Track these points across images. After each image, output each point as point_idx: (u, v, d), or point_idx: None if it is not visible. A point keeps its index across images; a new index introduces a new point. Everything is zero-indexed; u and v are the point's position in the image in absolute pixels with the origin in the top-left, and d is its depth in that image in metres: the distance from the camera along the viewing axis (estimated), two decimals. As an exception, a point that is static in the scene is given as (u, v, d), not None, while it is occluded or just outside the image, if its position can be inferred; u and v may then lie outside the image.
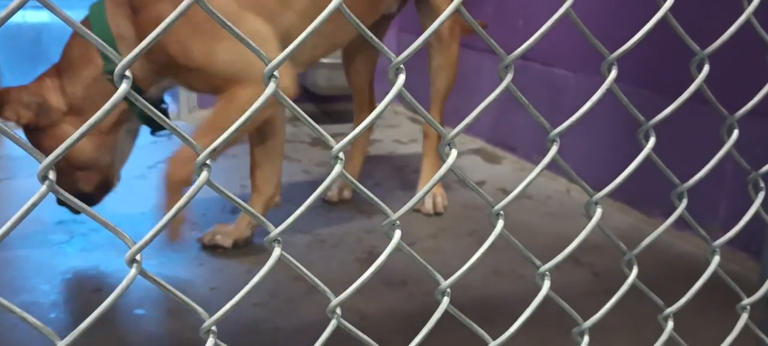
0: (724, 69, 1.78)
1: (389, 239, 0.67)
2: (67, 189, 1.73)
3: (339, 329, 0.67)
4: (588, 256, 1.83)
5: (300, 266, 0.63)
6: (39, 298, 1.56)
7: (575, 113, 0.75)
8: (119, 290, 0.53)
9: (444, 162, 0.68)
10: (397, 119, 3.33)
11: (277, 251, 0.61)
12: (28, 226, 1.81)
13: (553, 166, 2.19)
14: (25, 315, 0.49)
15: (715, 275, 0.91)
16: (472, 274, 0.74)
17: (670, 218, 0.84)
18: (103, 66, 1.66)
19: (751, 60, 1.78)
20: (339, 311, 0.67)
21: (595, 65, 2.32)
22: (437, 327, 0.72)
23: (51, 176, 0.48)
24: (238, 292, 0.60)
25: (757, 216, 0.92)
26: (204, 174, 0.55)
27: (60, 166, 1.70)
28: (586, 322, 0.83)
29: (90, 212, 0.53)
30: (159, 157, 2.58)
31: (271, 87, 0.56)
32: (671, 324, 0.89)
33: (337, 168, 0.62)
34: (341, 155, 0.62)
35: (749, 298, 0.96)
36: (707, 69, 0.81)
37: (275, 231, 0.60)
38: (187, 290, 1.61)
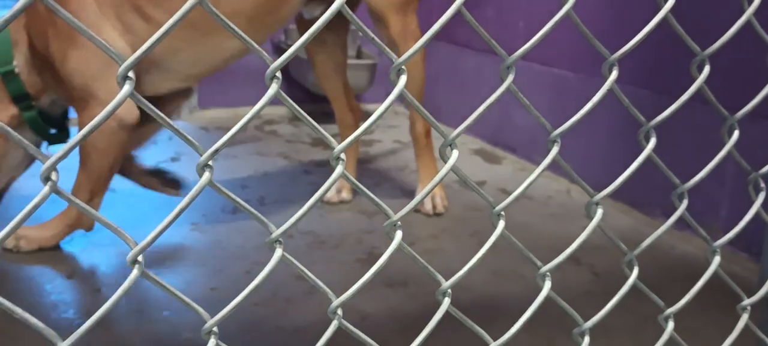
0: (724, 70, 1.78)
1: (390, 240, 0.68)
2: None
3: (340, 330, 0.67)
4: (588, 256, 1.83)
5: (301, 266, 0.63)
6: (40, 298, 1.56)
7: (576, 113, 0.75)
8: (121, 291, 0.53)
9: (445, 162, 0.68)
10: (398, 120, 3.33)
11: (279, 252, 0.61)
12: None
13: (554, 166, 2.19)
14: (27, 316, 0.49)
15: (716, 276, 0.91)
16: (473, 274, 0.74)
17: (670, 218, 0.84)
18: None
19: (752, 61, 1.79)
20: (340, 312, 0.67)
21: (596, 65, 2.33)
22: (438, 327, 0.72)
23: (53, 176, 0.48)
24: (238, 292, 0.60)
25: (758, 217, 0.92)
26: (206, 175, 0.55)
27: None
28: (586, 322, 0.83)
29: (92, 212, 0.53)
30: (159, 158, 2.58)
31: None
32: (672, 325, 0.89)
33: (339, 169, 0.62)
34: (343, 156, 0.62)
35: (749, 299, 0.96)
36: (708, 70, 0.81)
37: (276, 232, 0.60)
38: (188, 290, 1.61)
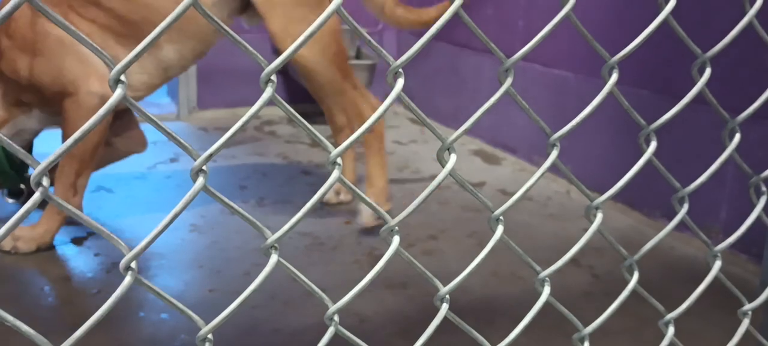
0: (725, 72, 1.78)
1: (388, 243, 0.67)
2: None
3: (338, 334, 0.67)
4: (588, 258, 1.83)
5: (298, 272, 0.62)
6: (38, 300, 1.55)
7: (577, 115, 0.74)
8: (114, 297, 0.53)
9: (443, 166, 0.67)
10: (397, 120, 3.33)
11: (274, 258, 0.60)
12: (26, 227, 1.81)
13: (554, 167, 2.18)
14: (18, 324, 0.48)
15: (717, 279, 0.90)
16: (471, 277, 0.73)
17: (671, 222, 0.83)
18: None
19: (753, 63, 1.78)
20: (337, 318, 0.66)
21: (597, 67, 2.32)
22: (437, 331, 0.71)
23: (44, 182, 0.48)
24: (236, 294, 0.60)
25: (759, 220, 0.91)
26: (200, 180, 0.54)
27: None
28: (586, 328, 0.83)
29: (84, 218, 0.52)
30: (158, 159, 2.57)
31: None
32: (672, 330, 0.89)
33: (335, 173, 0.61)
34: (339, 160, 0.62)
35: (750, 303, 0.96)
36: (709, 72, 0.81)
37: (272, 238, 0.59)
38: (186, 292, 1.60)
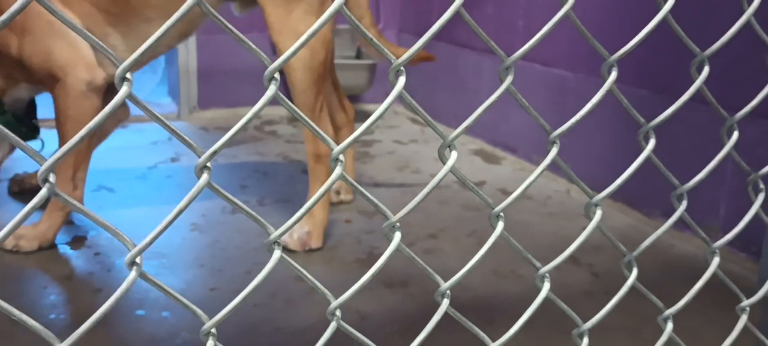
0: (724, 70, 1.78)
1: (389, 240, 0.67)
2: None
3: (339, 331, 0.67)
4: (587, 256, 1.83)
5: (300, 268, 0.63)
6: (39, 298, 1.56)
7: (576, 113, 0.75)
8: (119, 292, 0.53)
9: (444, 164, 0.68)
10: (398, 120, 3.33)
11: (277, 253, 0.61)
12: (28, 226, 1.82)
13: (554, 165, 2.19)
14: (25, 318, 0.49)
15: (715, 276, 0.91)
16: (471, 274, 0.74)
17: (669, 220, 0.83)
18: None
19: (751, 61, 1.79)
20: (339, 313, 0.67)
21: (596, 66, 2.32)
22: (438, 328, 0.72)
23: (51, 178, 0.48)
24: (238, 293, 0.60)
25: (757, 217, 0.92)
26: (204, 176, 0.54)
27: None
28: (585, 323, 0.83)
29: (90, 213, 0.53)
30: (159, 159, 2.58)
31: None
32: (671, 326, 0.89)
33: (338, 170, 0.62)
34: (342, 157, 0.62)
35: (748, 300, 0.96)
36: (707, 70, 0.81)
37: (275, 233, 0.60)
38: (188, 291, 1.61)
